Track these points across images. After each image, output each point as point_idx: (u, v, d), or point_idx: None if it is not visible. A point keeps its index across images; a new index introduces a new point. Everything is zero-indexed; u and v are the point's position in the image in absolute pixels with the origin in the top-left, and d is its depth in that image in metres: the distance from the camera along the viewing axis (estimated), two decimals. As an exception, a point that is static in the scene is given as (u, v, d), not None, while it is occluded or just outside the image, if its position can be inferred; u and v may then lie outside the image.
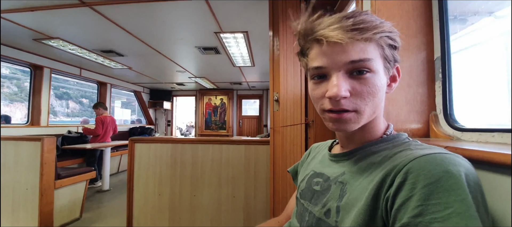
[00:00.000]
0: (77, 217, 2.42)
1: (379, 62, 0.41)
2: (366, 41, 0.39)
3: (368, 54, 0.40)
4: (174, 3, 1.92)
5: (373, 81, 0.41)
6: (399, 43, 0.44)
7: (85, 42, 2.92)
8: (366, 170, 0.42)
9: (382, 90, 0.43)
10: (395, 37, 0.43)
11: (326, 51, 0.41)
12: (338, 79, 0.40)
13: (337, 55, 0.40)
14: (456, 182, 0.30)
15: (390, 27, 0.42)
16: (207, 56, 3.42)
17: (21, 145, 2.12)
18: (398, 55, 0.45)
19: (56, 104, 5.73)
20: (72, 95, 6.05)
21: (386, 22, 0.42)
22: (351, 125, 0.42)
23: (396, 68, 0.46)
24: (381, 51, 0.41)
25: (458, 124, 0.61)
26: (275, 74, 1.55)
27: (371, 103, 0.41)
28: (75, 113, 5.99)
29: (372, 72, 0.40)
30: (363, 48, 0.39)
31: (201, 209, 1.85)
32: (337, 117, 0.41)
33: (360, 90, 0.40)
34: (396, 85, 0.47)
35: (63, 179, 2.22)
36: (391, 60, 0.43)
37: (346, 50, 0.39)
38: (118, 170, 4.54)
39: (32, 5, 1.99)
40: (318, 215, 0.45)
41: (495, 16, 0.80)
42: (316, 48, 0.43)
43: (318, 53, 0.42)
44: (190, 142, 1.91)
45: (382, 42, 0.41)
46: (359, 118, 0.42)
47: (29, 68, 3.49)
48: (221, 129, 7.04)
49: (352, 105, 0.41)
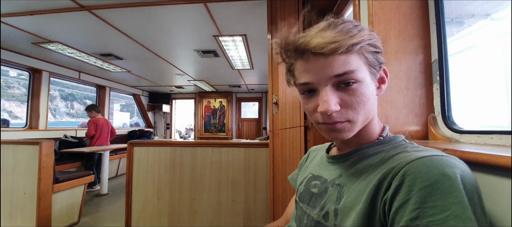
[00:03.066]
0: (75, 221, 2.41)
1: (364, 70, 0.42)
2: (347, 53, 0.40)
3: (351, 65, 0.40)
4: (173, 7, 1.93)
5: (361, 90, 0.41)
6: (381, 47, 0.44)
7: (84, 46, 2.92)
8: (363, 172, 0.42)
9: (372, 97, 0.43)
10: (375, 43, 0.43)
11: (310, 67, 0.41)
12: (326, 94, 0.40)
13: (322, 70, 0.40)
14: (452, 185, 0.30)
15: (368, 34, 0.42)
16: (206, 59, 3.43)
17: (19, 148, 2.11)
18: (382, 57, 0.45)
19: (62, 105, 5.82)
20: (76, 96, 6.15)
21: (365, 30, 0.42)
22: (346, 134, 0.42)
23: (383, 70, 0.47)
24: (364, 59, 0.42)
25: (457, 126, 0.61)
26: (273, 77, 1.55)
27: (363, 111, 0.42)
28: (80, 114, 6.07)
29: (359, 82, 0.41)
30: (345, 61, 0.40)
31: (200, 212, 1.84)
32: (331, 127, 0.42)
33: (350, 101, 0.41)
34: (385, 86, 0.47)
35: (61, 183, 2.20)
36: (376, 65, 0.44)
37: (329, 65, 0.40)
38: (117, 174, 4.52)
39: (31, 9, 2.00)
40: (316, 218, 0.45)
41: (492, 19, 0.81)
42: (300, 64, 0.43)
43: (303, 70, 0.43)
44: (189, 145, 1.91)
45: (363, 51, 0.41)
46: (353, 126, 0.42)
47: (28, 72, 3.48)
48: (221, 131, 7.03)
49: (344, 116, 0.41)
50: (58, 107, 5.72)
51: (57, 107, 5.73)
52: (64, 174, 2.43)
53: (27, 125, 3.49)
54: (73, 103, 6.13)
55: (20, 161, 2.10)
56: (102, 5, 1.91)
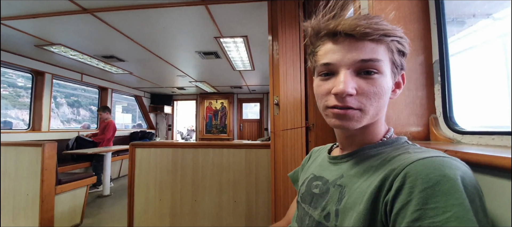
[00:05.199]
0: (77, 223, 2.41)
1: (388, 65, 0.42)
2: (377, 42, 0.40)
3: (378, 55, 0.40)
4: (174, 9, 1.94)
5: (380, 82, 0.41)
6: (407, 50, 0.45)
7: (87, 48, 2.94)
8: (364, 173, 0.42)
9: (387, 93, 0.43)
10: (404, 43, 0.44)
11: (338, 48, 0.42)
12: (345, 76, 0.40)
13: (348, 53, 0.41)
14: (453, 186, 0.30)
15: (401, 33, 0.43)
16: (207, 60, 3.44)
17: (22, 150, 2.12)
18: (405, 63, 0.46)
19: (68, 111, 5.97)
20: (82, 103, 6.28)
21: (398, 28, 0.43)
22: (354, 123, 0.42)
23: (402, 75, 0.47)
24: (390, 55, 0.42)
25: (458, 127, 0.61)
26: (274, 78, 1.55)
27: (376, 104, 0.42)
28: (85, 119, 6.19)
29: (380, 73, 0.41)
30: (373, 49, 0.40)
31: (202, 214, 1.84)
32: (342, 112, 0.41)
33: (367, 90, 0.41)
34: (400, 91, 0.48)
35: (63, 184, 2.21)
36: (398, 66, 0.44)
37: (357, 49, 0.40)
38: (119, 175, 4.53)
39: (35, 12, 2.01)
40: (318, 218, 0.45)
41: (493, 18, 0.80)
42: (327, 45, 0.43)
43: (328, 50, 0.43)
44: (191, 146, 1.91)
45: (393, 46, 0.42)
46: (363, 116, 0.42)
47: (31, 74, 3.51)
48: (222, 132, 7.03)
49: (357, 103, 0.41)
50: (65, 114, 5.84)
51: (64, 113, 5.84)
52: (67, 175, 2.44)
53: (29, 127, 3.52)
54: (79, 110, 6.25)
55: (23, 163, 2.11)
56: (104, 8, 1.92)
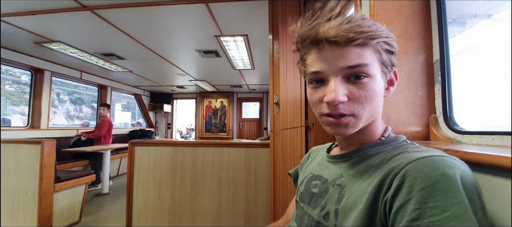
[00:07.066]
0: (76, 220, 2.41)
1: (376, 67, 0.42)
2: (363, 46, 0.40)
3: (365, 59, 0.40)
4: (175, 7, 1.93)
5: (371, 86, 0.41)
6: (396, 48, 0.44)
7: (86, 46, 2.93)
8: (364, 172, 0.42)
9: (380, 95, 0.43)
10: (391, 43, 0.43)
11: (323, 56, 0.41)
12: (335, 84, 0.40)
13: (334, 60, 0.40)
14: (452, 185, 0.30)
15: (386, 33, 0.42)
16: (207, 59, 3.44)
17: (21, 148, 2.12)
18: (395, 59, 0.45)
19: (71, 108, 6.04)
20: (84, 100, 6.33)
21: (383, 27, 0.42)
22: (349, 129, 0.42)
23: (394, 72, 0.47)
24: (378, 56, 0.42)
25: (458, 127, 0.61)
26: (275, 78, 1.55)
27: (369, 107, 0.42)
28: (88, 116, 6.24)
29: (369, 77, 0.41)
30: (360, 54, 0.40)
31: (201, 212, 1.84)
32: (335, 121, 0.42)
33: (358, 95, 0.41)
34: (394, 88, 0.48)
35: (62, 182, 2.21)
36: (388, 65, 0.44)
37: (343, 56, 0.40)
38: (118, 173, 4.53)
39: (34, 9, 2.01)
40: (317, 218, 0.45)
41: (494, 19, 0.80)
42: (313, 53, 0.43)
43: (315, 59, 0.42)
44: (190, 145, 1.91)
45: (379, 48, 0.41)
46: (357, 122, 0.42)
47: (30, 71, 3.50)
48: (221, 131, 7.03)
49: (349, 109, 0.41)
50: (68, 111, 5.89)
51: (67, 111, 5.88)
52: (66, 173, 2.44)
53: (29, 124, 3.51)
54: (82, 107, 6.30)
55: (22, 160, 2.11)
56: (104, 5, 1.92)
